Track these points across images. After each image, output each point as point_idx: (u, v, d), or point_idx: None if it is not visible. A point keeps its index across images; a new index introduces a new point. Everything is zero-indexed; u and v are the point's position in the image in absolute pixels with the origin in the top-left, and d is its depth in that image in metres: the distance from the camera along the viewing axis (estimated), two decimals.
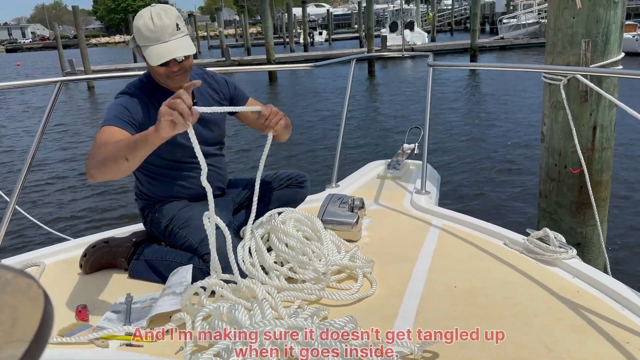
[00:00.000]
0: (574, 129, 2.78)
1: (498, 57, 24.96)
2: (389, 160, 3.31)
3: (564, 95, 2.82)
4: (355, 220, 2.21)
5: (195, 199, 2.06)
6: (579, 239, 3.07)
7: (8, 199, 2.27)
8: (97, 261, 2.01)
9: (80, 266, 2.02)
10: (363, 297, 1.73)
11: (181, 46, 1.81)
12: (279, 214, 1.97)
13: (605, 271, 2.72)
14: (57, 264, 2.12)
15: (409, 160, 3.31)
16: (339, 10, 72.55)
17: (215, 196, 2.12)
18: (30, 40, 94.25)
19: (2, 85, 2.61)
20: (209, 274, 1.77)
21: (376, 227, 2.38)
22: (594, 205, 2.76)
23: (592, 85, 2.63)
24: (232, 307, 1.45)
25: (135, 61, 32.50)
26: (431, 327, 1.54)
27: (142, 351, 1.50)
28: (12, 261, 2.10)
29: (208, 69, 2.22)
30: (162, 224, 2.00)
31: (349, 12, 68.55)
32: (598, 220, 2.79)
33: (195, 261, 1.86)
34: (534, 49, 26.15)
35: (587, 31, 2.77)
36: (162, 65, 1.81)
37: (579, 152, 2.76)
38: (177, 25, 1.81)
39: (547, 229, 1.99)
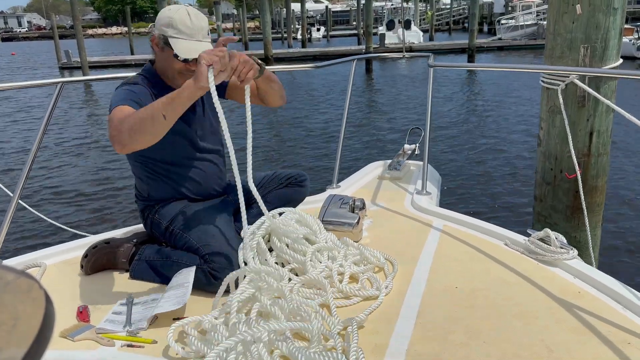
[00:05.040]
0: (569, 134, 2.79)
1: (495, 57, 24.97)
2: (390, 161, 3.31)
3: (561, 100, 2.83)
4: (356, 221, 2.21)
5: (195, 200, 2.06)
6: (574, 244, 3.07)
7: (11, 194, 2.26)
8: (98, 262, 2.00)
9: (82, 267, 2.01)
10: (364, 298, 1.73)
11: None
12: (280, 214, 1.96)
13: None
14: (58, 264, 2.10)
15: (410, 161, 3.31)
16: (338, 7, 72.44)
17: (214, 196, 2.13)
18: (27, 29, 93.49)
19: (1, 87, 2.63)
20: (212, 275, 1.78)
21: (377, 228, 2.38)
22: (585, 210, 2.78)
23: (590, 90, 2.64)
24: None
25: (132, 53, 32.30)
26: (432, 328, 1.54)
27: (143, 352, 1.49)
28: (13, 262, 2.08)
29: None
30: (163, 225, 1.99)
31: (348, 8, 68.46)
32: (588, 225, 2.81)
33: (197, 261, 1.85)
34: (531, 51, 26.21)
35: (587, 37, 2.77)
36: (183, 60, 1.81)
37: (574, 157, 2.78)
38: (208, 31, 1.86)
39: (548, 230, 1.98)
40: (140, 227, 2.22)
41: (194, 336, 1.45)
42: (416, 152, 3.32)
